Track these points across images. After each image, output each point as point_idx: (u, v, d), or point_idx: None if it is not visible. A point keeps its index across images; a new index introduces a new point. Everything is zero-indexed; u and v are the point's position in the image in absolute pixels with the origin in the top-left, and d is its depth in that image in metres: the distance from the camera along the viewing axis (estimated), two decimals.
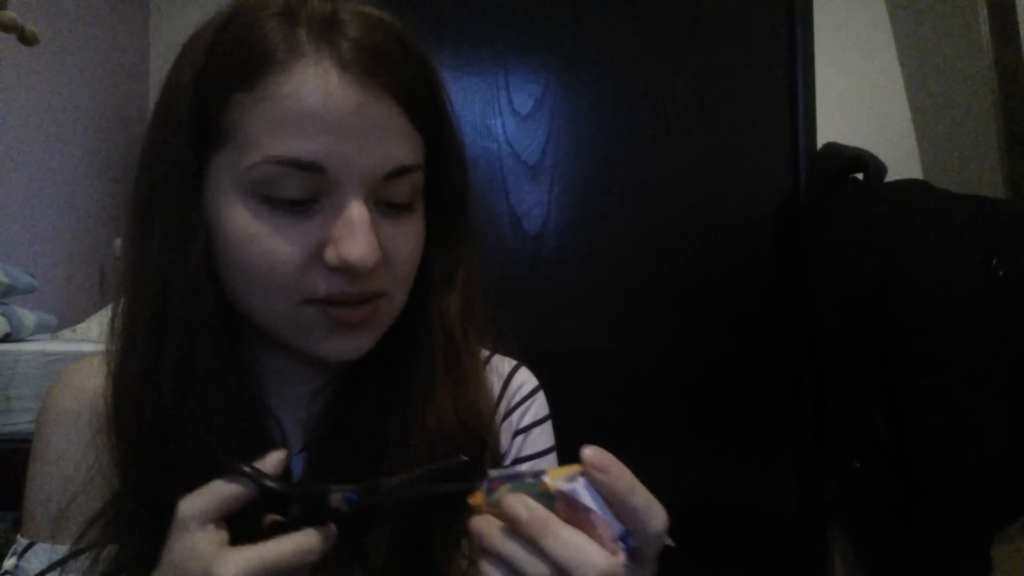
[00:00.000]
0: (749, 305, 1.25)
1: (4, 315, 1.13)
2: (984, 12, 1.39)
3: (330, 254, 0.43)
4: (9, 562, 0.50)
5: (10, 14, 1.21)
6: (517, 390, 0.60)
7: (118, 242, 1.84)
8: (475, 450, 0.52)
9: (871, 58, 1.70)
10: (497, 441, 0.55)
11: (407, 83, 0.45)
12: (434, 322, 0.52)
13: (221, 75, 0.44)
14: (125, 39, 1.96)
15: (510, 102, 1.25)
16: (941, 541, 1.08)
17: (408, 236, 0.48)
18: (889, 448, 1.12)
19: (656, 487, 0.38)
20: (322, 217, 0.44)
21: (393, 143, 0.45)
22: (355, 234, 0.43)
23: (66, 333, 1.37)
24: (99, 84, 1.82)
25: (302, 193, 0.43)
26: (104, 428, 0.48)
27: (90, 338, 1.35)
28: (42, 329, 1.28)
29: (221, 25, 0.45)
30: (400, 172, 0.45)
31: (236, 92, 0.43)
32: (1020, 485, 1.11)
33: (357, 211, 0.43)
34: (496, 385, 0.58)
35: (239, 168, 0.43)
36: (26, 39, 1.25)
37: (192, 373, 0.45)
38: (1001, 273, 1.11)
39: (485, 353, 0.60)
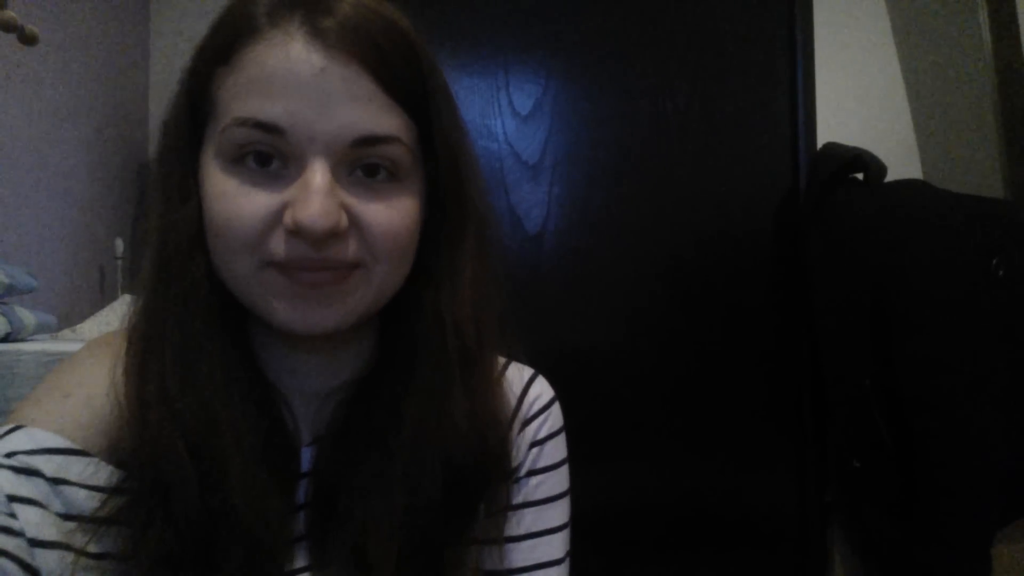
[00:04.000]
0: (749, 305, 1.25)
1: (4, 315, 1.13)
2: (984, 12, 1.39)
3: (287, 216, 0.44)
4: None
5: (10, 14, 1.21)
6: (535, 400, 0.59)
7: (118, 242, 1.84)
8: (490, 459, 0.51)
9: (871, 58, 1.70)
10: (509, 452, 0.55)
11: (383, 56, 0.45)
12: (446, 324, 0.51)
13: (210, 51, 0.46)
14: (125, 39, 1.96)
15: (510, 102, 1.25)
16: (941, 541, 1.08)
17: (389, 209, 0.46)
18: (889, 448, 1.12)
19: (656, 487, 0.38)
20: (286, 182, 0.44)
21: (360, 110, 0.44)
22: (310, 196, 0.43)
23: (66, 333, 1.37)
24: (99, 84, 1.82)
25: (267, 154, 0.44)
26: (120, 384, 0.47)
27: (90, 338, 1.35)
28: (42, 329, 1.28)
29: (223, 7, 0.47)
30: (370, 141, 0.45)
31: (219, 66, 0.45)
32: (1020, 485, 1.11)
33: (314, 174, 0.43)
34: (513, 395, 0.58)
35: (216, 134, 0.45)
36: (26, 39, 1.25)
37: (189, 336, 0.46)
38: (1001, 273, 1.11)
39: (501, 361, 0.59)
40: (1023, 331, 1.11)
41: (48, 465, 0.44)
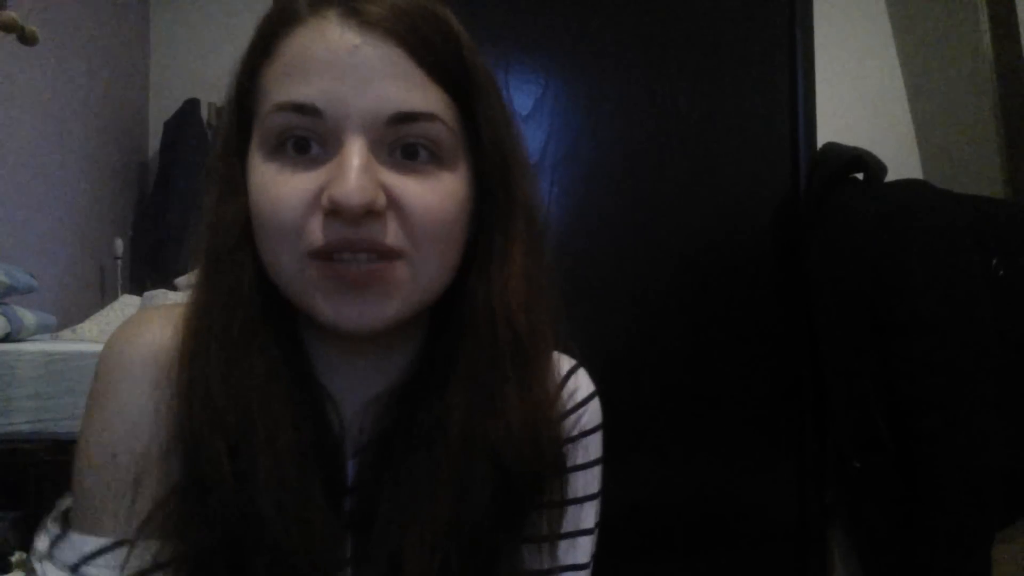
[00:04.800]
0: (749, 305, 1.25)
1: (4, 315, 1.13)
2: (984, 12, 1.39)
3: (323, 197, 0.43)
4: (42, 544, 0.47)
5: (10, 14, 1.21)
6: (573, 393, 0.57)
7: (118, 242, 1.84)
8: (543, 461, 0.49)
9: (871, 58, 1.70)
10: (562, 450, 0.52)
11: (420, 35, 0.44)
12: (497, 315, 0.48)
13: (254, 48, 0.47)
14: (125, 39, 1.96)
15: (510, 102, 1.25)
16: (941, 541, 1.08)
17: (431, 191, 0.45)
18: (889, 448, 1.12)
19: (657, 487, 0.38)
20: (325, 165, 0.44)
21: (396, 86, 0.43)
22: (345, 173, 0.42)
23: (66, 333, 1.37)
24: (99, 84, 1.82)
25: (306, 139, 0.44)
26: (167, 383, 0.47)
27: (90, 338, 1.35)
28: (42, 329, 1.28)
29: (268, 6, 0.48)
30: (408, 118, 0.44)
31: (262, 60, 0.46)
32: (1020, 485, 1.11)
33: (351, 152, 0.42)
34: (552, 385, 0.56)
35: (259, 125, 0.46)
36: (26, 39, 1.25)
37: (232, 333, 0.46)
38: (1001, 273, 1.11)
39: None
40: (1023, 331, 1.11)
41: (92, 570, 0.45)
